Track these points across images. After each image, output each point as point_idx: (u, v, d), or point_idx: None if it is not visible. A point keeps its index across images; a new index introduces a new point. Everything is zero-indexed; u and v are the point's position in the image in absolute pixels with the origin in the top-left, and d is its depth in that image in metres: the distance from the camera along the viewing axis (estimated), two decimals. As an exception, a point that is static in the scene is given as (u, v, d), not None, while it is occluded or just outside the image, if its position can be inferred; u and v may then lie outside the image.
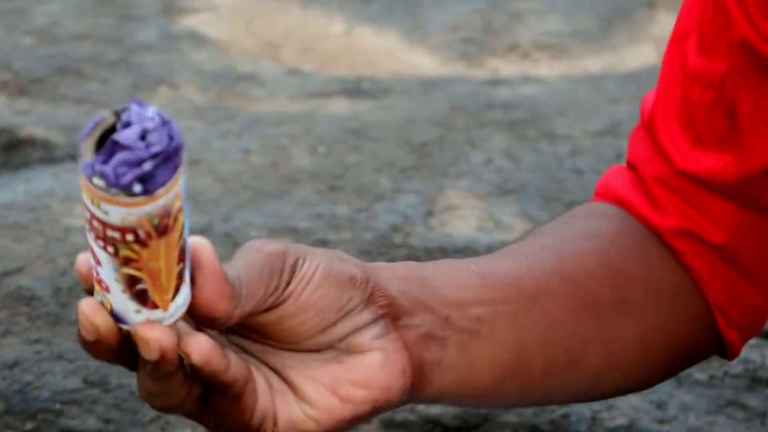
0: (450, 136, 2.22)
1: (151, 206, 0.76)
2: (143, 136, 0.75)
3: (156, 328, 0.83)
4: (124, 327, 0.84)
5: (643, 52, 2.36)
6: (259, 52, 2.68)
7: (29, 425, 1.67)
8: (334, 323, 0.90)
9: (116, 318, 0.84)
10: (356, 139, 2.18)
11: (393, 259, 1.89)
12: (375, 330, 0.92)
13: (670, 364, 1.17)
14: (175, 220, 0.79)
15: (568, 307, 1.07)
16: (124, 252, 0.79)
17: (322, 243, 1.92)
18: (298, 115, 2.39)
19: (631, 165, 1.17)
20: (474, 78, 2.51)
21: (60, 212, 1.98)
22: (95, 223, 0.79)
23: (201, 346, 0.84)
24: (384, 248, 1.94)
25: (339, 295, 0.89)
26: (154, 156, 0.75)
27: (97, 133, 0.76)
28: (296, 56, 2.62)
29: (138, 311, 0.84)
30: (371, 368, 0.92)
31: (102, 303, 0.84)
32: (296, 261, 0.88)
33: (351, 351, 0.92)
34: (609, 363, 1.11)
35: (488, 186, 2.07)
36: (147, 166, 0.75)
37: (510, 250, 1.09)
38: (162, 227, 0.78)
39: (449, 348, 0.96)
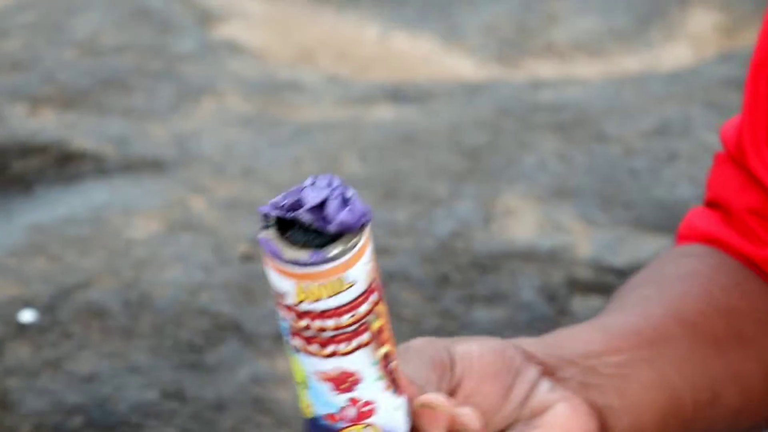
0: (500, 139, 2.25)
1: (369, 249, 0.71)
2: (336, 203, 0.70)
3: (433, 402, 0.79)
4: None
5: (680, 49, 2.38)
6: (296, 58, 2.69)
7: (110, 439, 1.69)
8: (511, 386, 0.88)
9: None
10: (405, 144, 2.20)
11: (457, 266, 1.95)
12: (546, 384, 0.90)
13: None
14: (377, 272, 0.74)
15: (692, 347, 1.04)
16: (376, 323, 0.75)
17: (384, 250, 1.95)
18: (344, 121, 2.40)
19: (712, 203, 1.11)
20: (516, 81, 2.52)
21: (119, 225, 2.02)
22: (337, 322, 0.73)
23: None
24: (447, 254, 1.97)
25: (503, 358, 0.88)
26: (354, 197, 0.70)
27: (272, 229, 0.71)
28: (332, 62, 2.64)
29: (396, 408, 0.79)
30: (566, 418, 0.91)
31: None
32: (452, 344, 0.86)
33: (537, 412, 0.90)
34: (744, 399, 1.06)
35: (544, 189, 2.09)
36: (355, 202, 0.70)
37: (614, 307, 1.05)
38: (378, 272, 0.74)
39: (609, 394, 0.94)
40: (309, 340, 0.72)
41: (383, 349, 0.74)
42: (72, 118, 2.34)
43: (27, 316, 1.88)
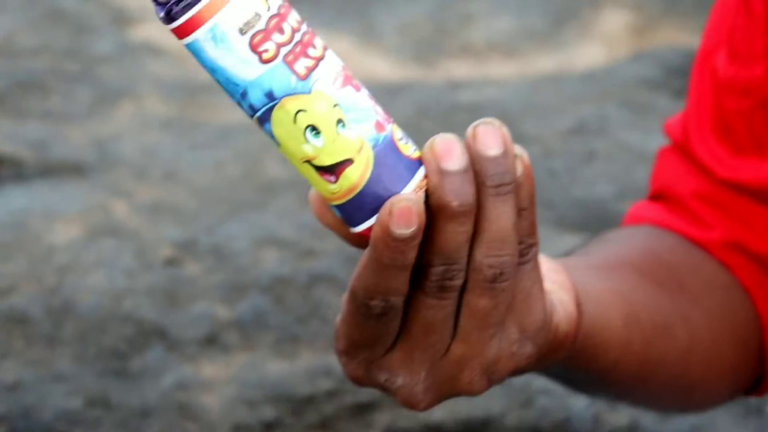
0: (420, 140, 2.12)
1: None
2: None
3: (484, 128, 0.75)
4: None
5: (593, 49, 2.41)
6: (214, 59, 2.56)
7: (35, 448, 1.66)
8: None
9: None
10: (326, 145, 2.12)
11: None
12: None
13: (738, 369, 1.14)
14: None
15: (641, 281, 1.07)
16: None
17: (309, 253, 1.97)
18: (265, 124, 2.28)
19: (656, 196, 1.17)
20: (433, 81, 2.53)
21: (40, 230, 1.99)
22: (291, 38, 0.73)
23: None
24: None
25: None
26: None
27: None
28: None
29: (406, 146, 0.76)
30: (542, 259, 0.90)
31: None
32: None
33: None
34: (692, 343, 1.09)
35: (465, 189, 2.03)
36: None
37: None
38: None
39: (577, 279, 0.94)
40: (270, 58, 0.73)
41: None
42: (-12, 122, 2.30)
43: (-52, 324, 1.79)
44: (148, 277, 2.00)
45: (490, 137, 0.73)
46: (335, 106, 0.71)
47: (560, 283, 0.90)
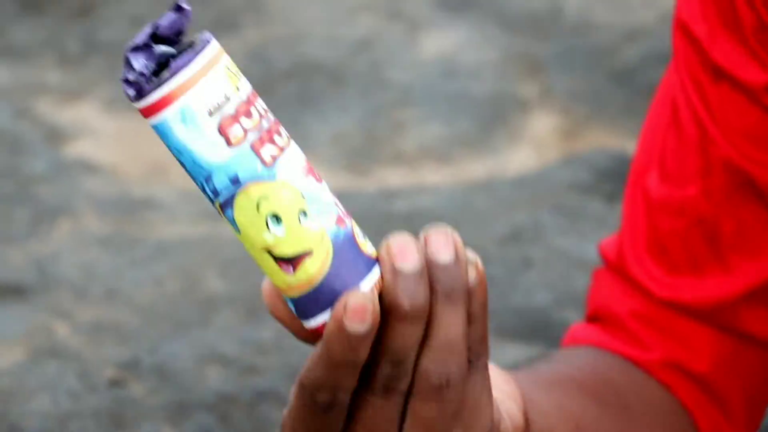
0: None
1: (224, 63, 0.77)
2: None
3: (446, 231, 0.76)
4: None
5: (523, 154, 2.45)
6: (149, 174, 2.65)
7: None
8: None
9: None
10: (264, 260, 2.15)
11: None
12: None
13: None
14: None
15: (585, 398, 1.07)
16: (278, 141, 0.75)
17: (252, 369, 1.97)
18: (202, 237, 2.38)
19: (593, 318, 1.17)
20: (367, 190, 2.53)
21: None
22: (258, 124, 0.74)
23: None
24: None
25: None
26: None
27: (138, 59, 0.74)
28: (185, 177, 2.50)
29: (364, 243, 0.77)
30: (495, 373, 0.89)
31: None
32: None
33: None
34: None
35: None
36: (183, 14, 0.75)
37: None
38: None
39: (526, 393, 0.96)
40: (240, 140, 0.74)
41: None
42: None
43: None
44: (92, 399, 1.97)
45: (442, 244, 0.73)
46: (299, 196, 0.71)
47: (509, 393, 0.89)
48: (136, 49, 0.71)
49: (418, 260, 0.71)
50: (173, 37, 0.72)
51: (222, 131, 0.70)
